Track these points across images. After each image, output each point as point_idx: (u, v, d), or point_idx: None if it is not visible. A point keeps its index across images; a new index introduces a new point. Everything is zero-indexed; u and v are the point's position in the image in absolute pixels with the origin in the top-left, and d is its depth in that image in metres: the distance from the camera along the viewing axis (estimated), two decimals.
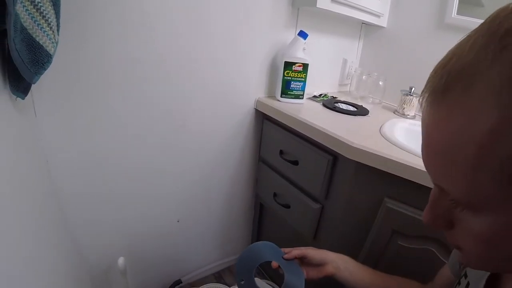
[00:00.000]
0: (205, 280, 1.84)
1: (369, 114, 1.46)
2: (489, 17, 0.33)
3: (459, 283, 0.63)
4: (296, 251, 0.90)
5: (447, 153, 0.34)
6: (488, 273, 0.53)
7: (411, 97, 1.50)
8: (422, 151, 0.39)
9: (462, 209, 0.38)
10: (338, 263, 0.88)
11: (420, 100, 0.38)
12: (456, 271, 0.73)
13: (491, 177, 0.31)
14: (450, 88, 0.32)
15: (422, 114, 0.38)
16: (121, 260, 1.26)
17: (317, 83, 1.73)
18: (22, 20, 0.58)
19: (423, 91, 0.37)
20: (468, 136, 0.31)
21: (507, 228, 0.34)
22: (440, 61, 0.36)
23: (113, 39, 1.01)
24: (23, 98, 0.72)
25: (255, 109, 1.53)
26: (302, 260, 0.91)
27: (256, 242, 0.95)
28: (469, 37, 0.33)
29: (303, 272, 0.87)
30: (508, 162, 0.29)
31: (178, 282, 1.66)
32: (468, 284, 0.58)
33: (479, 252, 0.39)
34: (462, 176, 0.33)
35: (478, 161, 0.31)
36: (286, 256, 0.90)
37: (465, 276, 0.61)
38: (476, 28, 0.33)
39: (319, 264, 0.88)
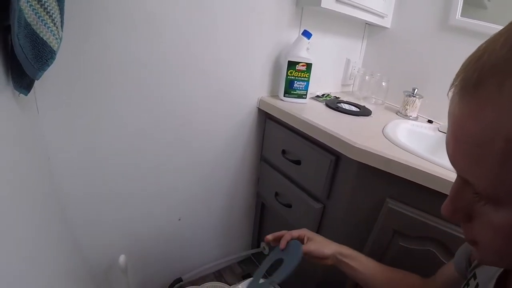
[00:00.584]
0: (205, 278, 1.83)
1: (371, 115, 1.46)
2: None
3: (468, 285, 0.62)
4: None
5: (475, 147, 0.34)
6: (498, 274, 0.54)
7: (414, 98, 1.50)
8: (448, 143, 0.40)
9: (484, 203, 0.38)
10: (338, 257, 0.91)
11: (450, 92, 0.38)
12: (461, 269, 0.73)
13: None
14: (482, 83, 0.32)
15: (450, 106, 0.38)
16: (122, 258, 1.26)
17: (320, 83, 1.72)
18: (26, 16, 0.58)
19: (453, 83, 0.38)
20: (497, 132, 0.31)
21: None
22: (470, 56, 0.36)
23: (116, 38, 1.01)
24: (26, 95, 0.72)
25: (258, 108, 1.53)
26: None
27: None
28: (500, 34, 0.33)
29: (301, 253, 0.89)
30: None
31: (179, 280, 1.66)
32: (477, 285, 0.58)
33: (496, 246, 0.39)
34: (489, 170, 0.34)
35: (506, 156, 0.31)
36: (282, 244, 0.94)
37: (474, 277, 0.61)
38: (507, 26, 0.34)
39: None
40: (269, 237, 0.99)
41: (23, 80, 0.69)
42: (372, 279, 0.90)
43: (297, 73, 1.42)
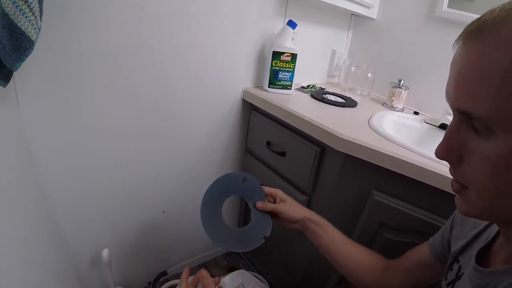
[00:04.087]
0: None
1: (357, 106, 1.45)
2: None
3: (451, 269, 0.66)
4: (270, 206, 0.95)
5: (477, 78, 0.40)
6: (477, 250, 0.58)
7: (400, 89, 1.49)
8: (450, 83, 0.45)
9: (477, 136, 0.43)
10: (307, 223, 0.94)
11: (454, 45, 0.45)
12: (438, 251, 0.76)
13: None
14: (483, 30, 0.40)
15: (454, 56, 0.45)
16: (105, 252, 1.24)
17: (306, 73, 1.71)
18: (3, 6, 0.57)
19: (457, 39, 0.45)
20: (497, 64, 0.38)
21: None
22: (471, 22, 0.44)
23: (96, 27, 0.97)
24: (4, 86, 0.71)
25: (242, 99, 1.50)
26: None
27: (242, 173, 1.02)
28: (497, 6, 0.40)
29: (270, 224, 0.94)
30: None
31: (164, 273, 1.64)
32: (460, 267, 0.62)
33: (484, 183, 0.43)
34: (489, 95, 0.39)
35: (503, 84, 0.37)
36: (259, 207, 0.95)
37: (457, 261, 0.64)
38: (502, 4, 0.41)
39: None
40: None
41: (1, 71, 0.67)
42: (335, 251, 0.92)
43: (282, 63, 1.40)
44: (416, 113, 1.51)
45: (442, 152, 0.48)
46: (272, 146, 1.38)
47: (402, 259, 0.86)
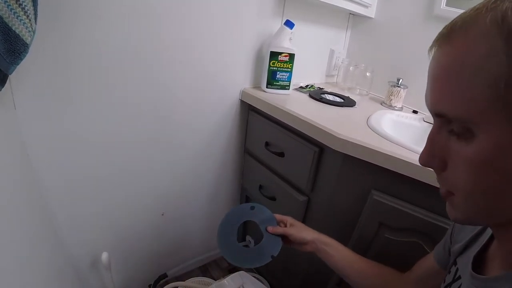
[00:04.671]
0: (191, 273, 1.82)
1: (356, 106, 1.45)
2: None
3: (449, 272, 0.65)
4: (280, 230, 0.99)
5: (448, 77, 0.41)
6: (474, 254, 0.58)
7: (399, 88, 1.49)
8: (427, 91, 0.47)
9: (458, 138, 0.43)
10: (318, 245, 0.96)
11: (429, 51, 0.47)
12: (442, 259, 0.75)
13: (485, 95, 0.37)
14: (454, 31, 0.41)
15: (430, 62, 0.46)
16: (104, 255, 1.25)
17: (304, 73, 1.70)
18: None
19: (431, 45, 0.46)
20: (467, 61, 0.38)
21: (496, 153, 0.39)
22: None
23: (94, 28, 0.97)
24: (0, 89, 0.70)
25: (241, 100, 1.50)
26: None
27: (251, 203, 1.11)
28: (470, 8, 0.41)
29: (280, 244, 0.98)
30: (494, 82, 0.36)
31: (164, 276, 1.64)
32: (457, 270, 0.62)
33: (471, 187, 0.43)
34: (461, 94, 0.40)
35: (474, 80, 0.38)
36: (270, 230, 0.99)
37: (455, 263, 0.64)
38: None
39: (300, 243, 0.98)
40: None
41: None
42: (348, 269, 0.93)
43: (280, 63, 1.40)
44: (415, 112, 1.51)
45: (424, 159, 0.48)
46: (271, 146, 1.37)
47: (413, 270, 0.86)
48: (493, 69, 0.36)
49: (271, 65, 1.40)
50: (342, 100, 1.49)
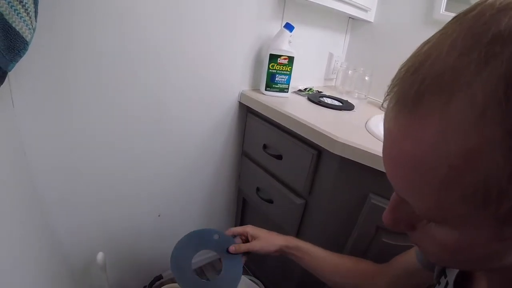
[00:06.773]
0: None
1: (354, 109, 1.45)
2: (469, 10, 0.29)
3: (439, 283, 0.61)
4: (244, 247, 0.95)
5: (416, 169, 0.31)
6: (455, 275, 0.53)
7: None
8: (384, 160, 0.37)
9: (426, 222, 0.36)
10: (285, 250, 0.95)
11: (384, 103, 0.35)
12: (423, 259, 0.73)
13: (462, 199, 0.28)
14: (424, 99, 0.29)
15: (385, 119, 0.35)
16: (100, 256, 1.23)
17: (303, 76, 1.70)
18: None
19: (388, 93, 0.34)
20: (440, 156, 0.28)
21: (472, 241, 0.32)
22: (411, 58, 0.33)
23: (93, 28, 0.96)
24: None
25: (239, 102, 1.50)
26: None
27: (214, 229, 1.04)
28: (446, 34, 0.30)
29: (242, 264, 0.95)
30: (482, 187, 0.26)
31: (159, 277, 1.63)
32: (447, 283, 0.57)
33: (441, 256, 0.38)
34: (431, 193, 0.31)
35: (447, 183, 0.28)
36: (232, 250, 0.95)
37: (445, 275, 0.59)
38: (453, 22, 0.30)
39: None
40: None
41: None
42: (320, 269, 0.92)
43: (279, 66, 1.40)
44: None
45: (389, 223, 0.42)
46: (269, 149, 1.37)
47: (393, 262, 0.85)
48: (485, 172, 0.26)
49: (270, 67, 1.39)
50: (341, 104, 1.49)
